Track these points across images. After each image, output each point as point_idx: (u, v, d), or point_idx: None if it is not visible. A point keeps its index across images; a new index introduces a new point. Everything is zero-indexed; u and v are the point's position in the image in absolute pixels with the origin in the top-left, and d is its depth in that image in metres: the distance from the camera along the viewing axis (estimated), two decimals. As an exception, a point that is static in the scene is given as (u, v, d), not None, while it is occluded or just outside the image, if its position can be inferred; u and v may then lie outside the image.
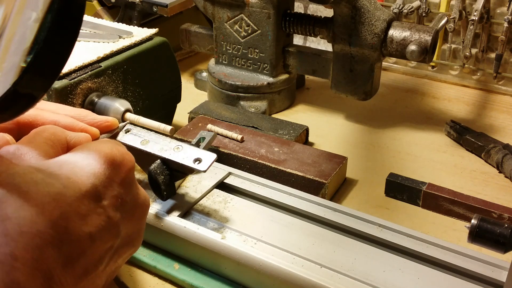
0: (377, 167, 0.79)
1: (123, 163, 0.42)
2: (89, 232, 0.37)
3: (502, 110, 0.95)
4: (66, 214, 0.36)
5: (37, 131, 0.42)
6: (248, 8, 0.89)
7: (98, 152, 0.41)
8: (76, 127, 0.48)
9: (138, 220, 0.44)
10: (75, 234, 0.36)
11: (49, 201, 0.35)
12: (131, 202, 0.43)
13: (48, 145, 0.41)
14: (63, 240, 0.35)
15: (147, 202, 0.46)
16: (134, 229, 0.44)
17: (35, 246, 0.33)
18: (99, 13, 1.04)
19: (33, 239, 0.33)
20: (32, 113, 0.47)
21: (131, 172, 0.43)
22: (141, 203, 0.45)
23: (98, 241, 0.38)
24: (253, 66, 0.93)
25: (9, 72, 0.31)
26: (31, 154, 0.39)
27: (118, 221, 0.40)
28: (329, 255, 0.54)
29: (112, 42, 0.75)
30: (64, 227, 0.35)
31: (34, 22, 0.31)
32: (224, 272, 0.56)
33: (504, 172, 0.76)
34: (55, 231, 0.34)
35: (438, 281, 0.51)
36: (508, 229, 0.48)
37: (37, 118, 0.47)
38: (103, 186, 0.39)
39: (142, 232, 0.46)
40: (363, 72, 0.84)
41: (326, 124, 0.91)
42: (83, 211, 0.37)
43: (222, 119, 0.82)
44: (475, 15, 0.95)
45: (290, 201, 0.61)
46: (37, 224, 0.34)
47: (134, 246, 0.45)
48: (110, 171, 0.40)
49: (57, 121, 0.47)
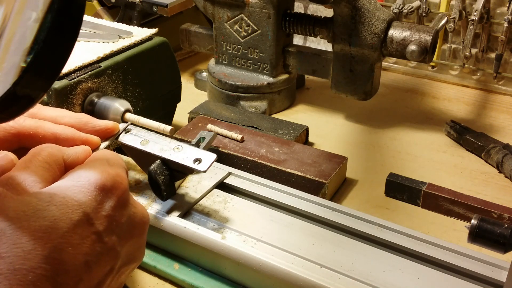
0: (377, 167, 0.79)
1: (114, 187, 0.42)
2: (84, 260, 0.37)
3: (502, 110, 0.95)
4: (59, 246, 0.36)
5: (34, 152, 0.42)
6: (248, 8, 0.89)
7: (88, 178, 0.41)
8: (76, 139, 0.48)
9: (137, 238, 0.44)
10: (70, 264, 0.36)
11: (41, 236, 0.36)
12: (127, 222, 0.43)
13: (45, 169, 0.41)
14: (58, 272, 0.35)
15: (145, 219, 0.46)
16: (135, 247, 0.44)
17: (29, 282, 0.34)
18: (99, 13, 1.04)
19: (27, 276, 0.34)
20: (33, 124, 0.47)
21: (125, 194, 0.43)
22: (139, 221, 0.45)
23: (95, 267, 0.38)
24: (253, 66, 0.93)
25: (9, 72, 0.31)
26: (27, 182, 0.39)
27: (114, 244, 0.41)
28: (329, 255, 0.54)
29: (112, 42, 0.75)
30: (57, 259, 0.36)
31: (34, 22, 0.31)
32: (224, 272, 0.56)
33: (504, 172, 0.76)
34: (49, 265, 0.35)
35: (438, 281, 0.51)
36: (508, 229, 0.48)
37: (38, 130, 0.47)
38: (95, 212, 0.40)
39: (143, 247, 0.46)
40: (363, 72, 0.84)
41: (326, 124, 0.91)
42: (76, 241, 0.37)
43: (222, 119, 0.82)
44: (475, 15, 0.95)
45: (290, 201, 0.61)
46: (29, 261, 0.34)
47: (136, 262, 0.45)
48: (102, 196, 0.41)
49: (58, 133, 0.47)
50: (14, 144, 0.45)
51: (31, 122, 0.47)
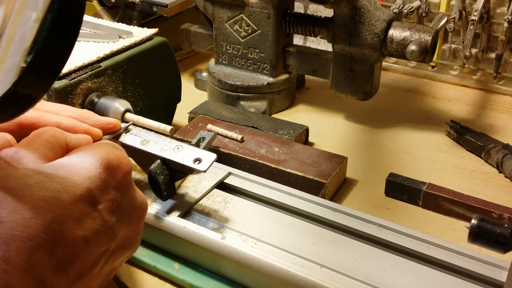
0: (377, 167, 0.79)
1: (119, 167, 0.42)
2: (83, 236, 0.37)
3: (502, 110, 0.95)
4: (60, 218, 0.36)
5: (36, 133, 0.42)
6: (248, 8, 0.89)
7: (94, 155, 0.40)
8: (78, 129, 0.48)
9: (135, 224, 0.44)
10: (69, 238, 0.36)
11: (43, 205, 0.35)
12: (127, 206, 0.43)
13: (47, 148, 0.41)
14: (56, 244, 0.35)
15: (144, 206, 0.45)
16: (131, 233, 0.44)
17: (27, 250, 0.33)
18: (99, 13, 1.04)
19: (25, 243, 0.33)
20: (34, 114, 0.47)
21: (128, 176, 0.43)
22: (138, 206, 0.44)
23: (92, 245, 0.38)
24: (253, 66, 0.93)
25: (9, 72, 0.31)
26: (29, 158, 0.39)
27: (113, 224, 0.40)
28: (329, 255, 0.54)
29: (112, 42, 0.75)
30: (57, 231, 0.35)
31: (34, 22, 0.31)
32: (224, 272, 0.56)
33: (504, 172, 0.76)
34: (48, 235, 0.35)
35: (438, 281, 0.51)
36: (508, 229, 0.48)
37: (39, 120, 0.46)
38: (98, 189, 0.39)
39: (139, 235, 0.46)
40: (363, 72, 0.84)
41: (326, 124, 0.91)
42: (78, 215, 0.37)
43: (222, 119, 0.82)
44: (475, 15, 0.95)
45: (290, 201, 0.61)
46: (29, 228, 0.34)
47: (131, 249, 0.45)
48: (106, 174, 0.40)
49: (60, 122, 0.47)
50: (16, 134, 0.45)
51: (33, 113, 0.47)
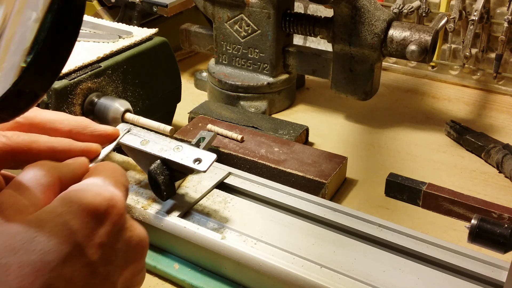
0: (377, 167, 0.79)
1: (107, 211, 0.39)
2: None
3: (502, 110, 0.95)
4: (49, 281, 0.34)
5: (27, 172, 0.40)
6: (248, 8, 0.89)
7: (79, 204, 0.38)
8: (74, 150, 0.46)
9: (135, 263, 0.42)
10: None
11: (30, 272, 0.33)
12: (123, 249, 0.40)
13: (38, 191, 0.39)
14: None
15: (143, 243, 0.42)
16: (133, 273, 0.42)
17: None
18: (99, 13, 1.04)
19: None
20: (27, 139, 0.44)
21: (120, 217, 0.40)
22: (135, 245, 0.41)
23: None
24: (253, 66, 0.93)
25: (9, 72, 0.31)
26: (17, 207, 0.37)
27: (110, 273, 0.38)
28: (329, 255, 0.54)
29: (112, 42, 0.75)
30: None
31: (34, 22, 0.31)
32: (224, 272, 0.56)
33: (504, 172, 0.76)
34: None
35: (438, 281, 0.51)
36: (508, 229, 0.48)
37: (32, 146, 0.44)
38: (87, 241, 0.37)
39: (143, 271, 0.44)
40: (363, 72, 0.84)
41: (326, 124, 0.91)
42: (68, 274, 0.35)
43: (222, 119, 0.82)
44: (475, 15, 0.95)
45: (290, 201, 0.61)
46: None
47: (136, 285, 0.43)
48: (94, 223, 0.38)
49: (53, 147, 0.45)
50: (8, 162, 0.42)
51: (25, 137, 0.44)
